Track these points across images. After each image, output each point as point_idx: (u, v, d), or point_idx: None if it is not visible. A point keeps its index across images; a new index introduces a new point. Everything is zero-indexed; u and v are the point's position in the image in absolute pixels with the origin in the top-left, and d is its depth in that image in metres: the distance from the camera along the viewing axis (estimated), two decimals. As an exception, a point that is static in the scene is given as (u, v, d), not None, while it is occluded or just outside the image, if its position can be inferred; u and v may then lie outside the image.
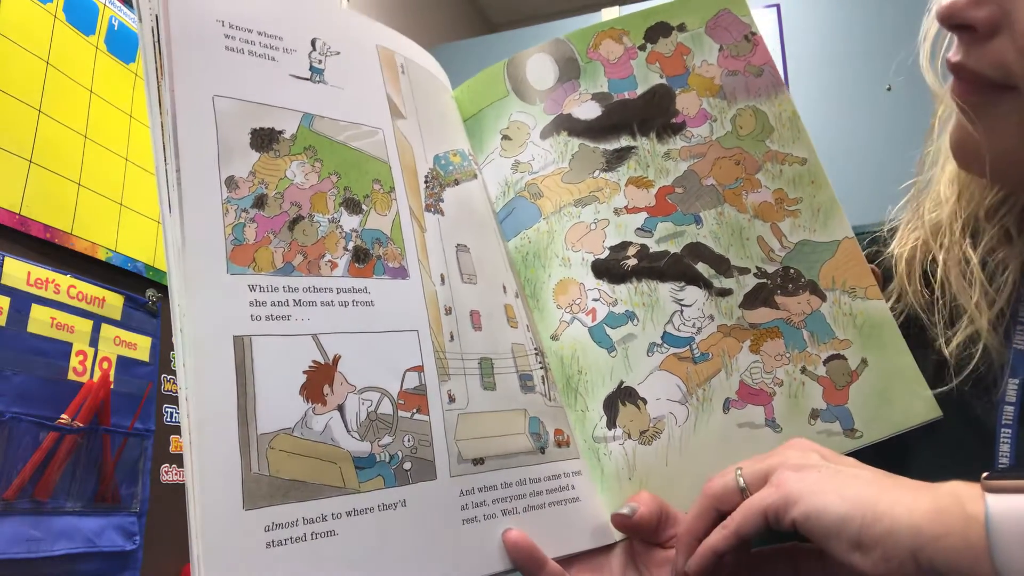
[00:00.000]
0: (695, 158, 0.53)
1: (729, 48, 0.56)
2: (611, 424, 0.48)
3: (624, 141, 0.53)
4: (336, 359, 0.39)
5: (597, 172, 0.53)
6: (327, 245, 0.42)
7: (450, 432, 0.42)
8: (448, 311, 0.45)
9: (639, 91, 0.55)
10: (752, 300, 0.50)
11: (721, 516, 0.41)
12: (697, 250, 0.51)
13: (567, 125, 0.54)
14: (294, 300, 0.39)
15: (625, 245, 0.51)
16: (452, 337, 0.45)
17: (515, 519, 0.42)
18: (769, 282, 0.50)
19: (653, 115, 0.54)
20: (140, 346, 1.21)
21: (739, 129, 0.53)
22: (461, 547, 0.40)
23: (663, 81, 0.54)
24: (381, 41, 0.50)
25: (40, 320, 1.04)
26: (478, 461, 0.42)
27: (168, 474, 1.28)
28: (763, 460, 0.41)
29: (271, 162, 0.42)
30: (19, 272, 1.03)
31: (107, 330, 1.15)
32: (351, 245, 0.43)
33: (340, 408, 0.39)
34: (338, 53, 0.48)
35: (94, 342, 1.12)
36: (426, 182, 0.49)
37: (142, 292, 1.23)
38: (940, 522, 0.32)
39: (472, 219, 0.50)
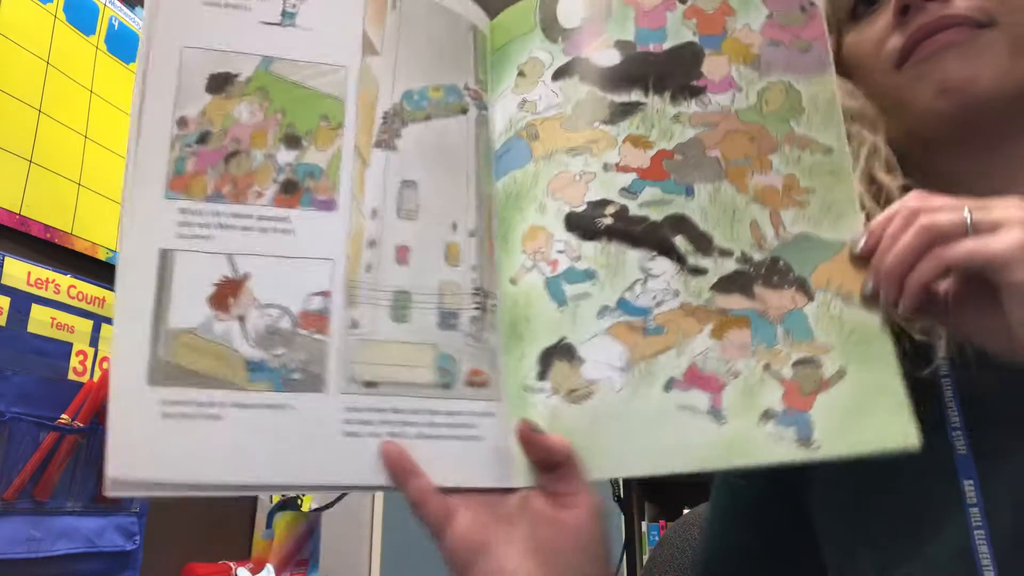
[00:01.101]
0: (706, 127, 0.50)
1: (779, 16, 0.51)
2: (542, 376, 0.47)
3: (635, 96, 0.51)
4: (245, 276, 0.45)
5: (597, 123, 0.51)
6: (257, 177, 0.47)
7: (346, 354, 0.46)
8: (372, 244, 0.48)
9: (666, 45, 0.51)
10: (727, 284, 0.47)
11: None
12: (679, 223, 0.48)
13: (582, 69, 0.52)
14: (217, 223, 0.46)
15: (605, 203, 0.49)
16: (369, 268, 0.48)
17: (403, 443, 0.45)
18: (752, 270, 0.47)
19: (673, 73, 0.51)
20: (140, 346, 1.21)
21: (765, 104, 0.50)
22: (339, 456, 0.44)
23: (695, 39, 0.51)
24: None
25: (40, 320, 1.04)
26: (371, 384, 0.46)
27: (168, 474, 1.28)
28: (992, 208, 0.40)
29: (221, 103, 0.47)
30: (19, 272, 1.03)
31: (107, 330, 1.15)
32: (281, 177, 0.47)
33: (241, 319, 0.45)
34: None
35: (94, 342, 1.12)
36: (384, 118, 0.51)
37: (142, 292, 1.23)
38: None
39: (435, 155, 0.51)
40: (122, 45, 1.25)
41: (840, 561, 0.53)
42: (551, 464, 0.45)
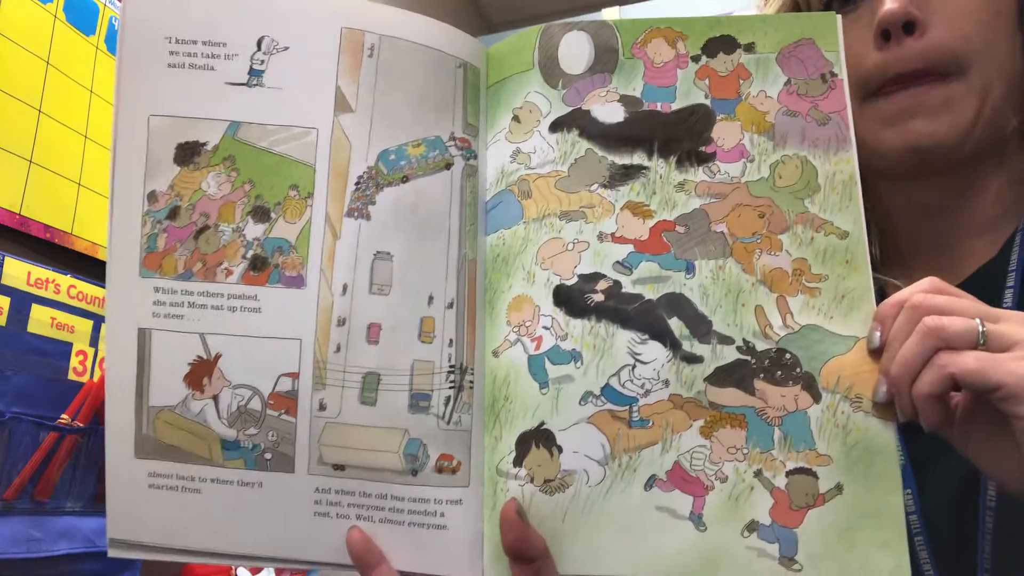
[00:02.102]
0: (713, 198, 0.46)
1: (798, 84, 0.48)
2: (518, 462, 0.45)
3: (637, 158, 0.47)
4: (217, 357, 0.46)
5: (595, 186, 0.47)
6: (226, 253, 0.47)
7: (315, 436, 0.46)
8: (341, 322, 0.46)
9: (675, 106, 0.48)
10: (723, 377, 0.44)
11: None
12: (676, 302, 0.45)
13: (582, 123, 0.48)
14: (188, 302, 0.46)
15: (597, 277, 0.46)
16: (339, 348, 0.46)
17: (368, 526, 0.46)
18: (754, 361, 0.43)
19: (681, 137, 0.47)
20: (140, 346, 1.21)
21: (777, 178, 0.46)
22: (308, 535, 0.46)
23: (707, 102, 0.47)
24: (350, 22, 0.48)
25: (40, 320, 1.04)
26: (339, 467, 0.46)
27: (168, 474, 1.28)
28: (1007, 321, 0.37)
29: (189, 175, 0.47)
30: (19, 272, 1.03)
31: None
32: (250, 254, 0.47)
33: (215, 398, 0.46)
34: (287, 48, 0.48)
35: (94, 342, 1.12)
36: (357, 184, 0.48)
37: (142, 292, 1.23)
38: None
39: (413, 221, 0.48)
40: (122, 45, 1.25)
41: None
42: (525, 557, 0.43)
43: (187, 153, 0.47)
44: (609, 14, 2.15)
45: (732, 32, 0.48)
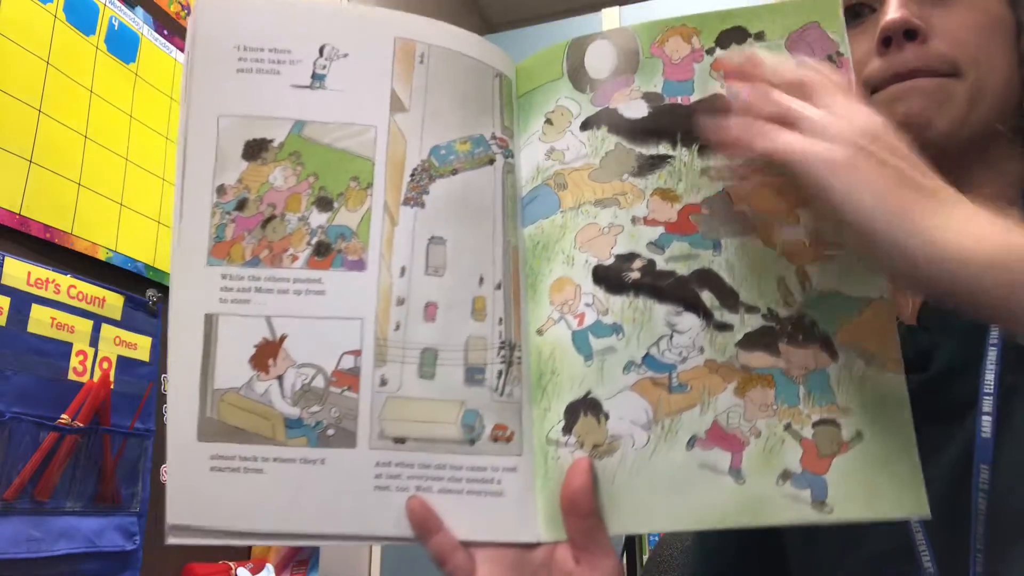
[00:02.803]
0: (733, 179, 0.50)
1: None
2: (567, 430, 0.48)
3: (663, 149, 0.51)
4: (282, 338, 0.48)
5: (626, 175, 0.51)
6: (292, 240, 0.49)
7: (376, 411, 0.48)
8: (400, 302, 0.50)
9: (694, 97, 0.50)
10: (752, 342, 0.47)
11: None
12: (706, 277, 0.48)
13: (610, 120, 0.52)
14: (255, 287, 0.48)
15: (633, 256, 0.49)
16: (398, 327, 0.49)
17: (427, 497, 0.47)
18: (777, 327, 0.47)
19: (687, 136, 0.51)
20: (140, 346, 1.21)
21: None
22: (369, 508, 0.47)
23: (723, 91, 0.50)
24: (403, 32, 0.53)
25: (40, 320, 1.04)
26: (399, 440, 0.48)
27: (168, 474, 1.28)
28: (832, 121, 0.41)
29: (257, 169, 0.49)
30: (19, 272, 1.03)
31: (107, 330, 1.15)
32: (314, 240, 0.50)
33: (280, 378, 0.47)
34: (346, 55, 0.52)
35: (94, 342, 1.12)
36: (412, 175, 0.52)
37: (142, 292, 1.23)
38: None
39: (463, 209, 0.52)
40: (122, 45, 1.25)
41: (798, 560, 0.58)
42: (584, 510, 0.45)
43: (255, 149, 0.50)
44: (609, 14, 2.15)
45: (742, 23, 0.51)
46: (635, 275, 0.49)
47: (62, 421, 1.04)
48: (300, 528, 0.47)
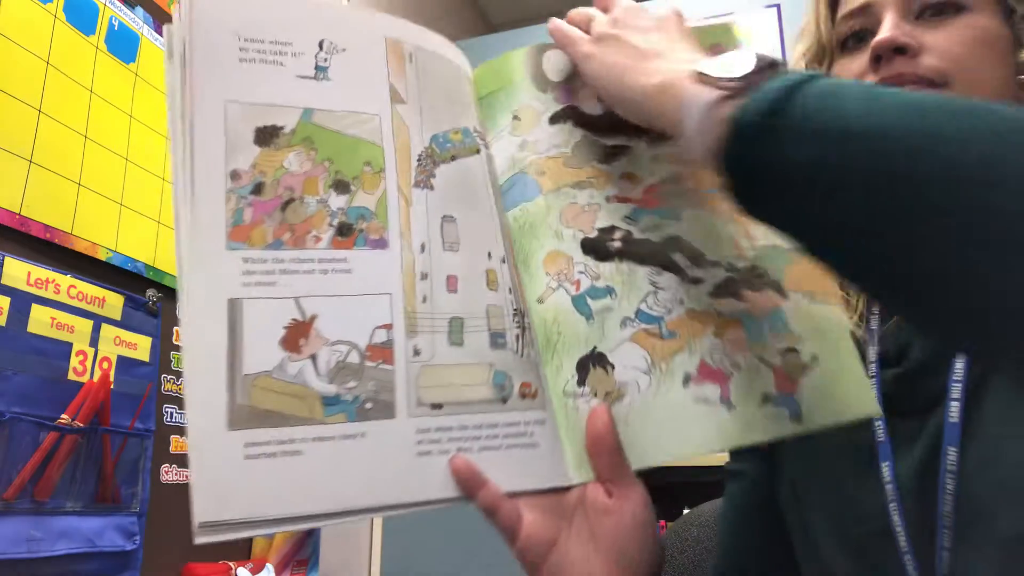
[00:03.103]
0: (680, 164, 0.57)
1: None
2: (581, 383, 0.53)
3: (621, 140, 0.58)
4: (312, 318, 0.47)
5: (595, 162, 0.58)
6: (313, 223, 0.50)
7: (412, 380, 0.49)
8: (424, 276, 0.52)
9: None
10: (721, 291, 0.54)
11: None
12: (675, 242, 0.56)
13: (574, 116, 0.59)
14: (280, 269, 0.48)
15: (613, 229, 0.56)
16: (424, 299, 0.52)
17: (469, 456, 0.49)
18: (738, 277, 0.55)
19: (638, 130, 0.57)
20: (140, 346, 1.21)
21: None
22: (413, 475, 0.47)
23: None
24: (391, 33, 0.57)
25: (40, 320, 1.04)
26: (437, 406, 0.50)
27: (168, 474, 1.28)
28: (626, 38, 0.52)
29: (271, 154, 0.49)
30: (19, 272, 1.03)
31: (107, 330, 1.15)
32: (336, 221, 0.50)
33: (313, 357, 0.47)
34: (344, 50, 0.54)
35: (94, 342, 1.12)
36: (419, 160, 0.55)
37: (142, 292, 1.23)
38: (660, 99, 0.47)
39: (464, 192, 0.56)
40: (122, 45, 1.25)
41: (802, 551, 0.63)
42: (609, 452, 0.51)
43: (266, 135, 0.49)
44: (609, 14, 2.15)
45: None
46: (617, 244, 0.56)
47: (62, 421, 1.04)
48: (345, 505, 0.46)
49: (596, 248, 0.56)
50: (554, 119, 0.59)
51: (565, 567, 0.49)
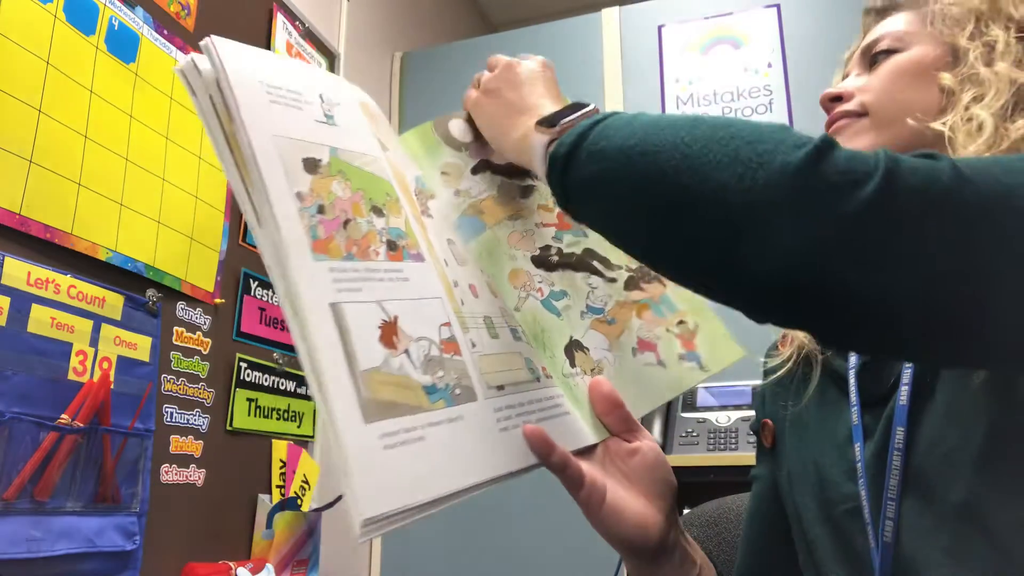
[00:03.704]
0: None
1: None
2: (572, 365, 0.66)
3: (528, 181, 0.72)
4: (395, 318, 0.52)
5: (517, 198, 0.72)
6: (370, 239, 0.55)
7: (476, 368, 0.56)
8: (455, 284, 0.60)
9: None
10: (629, 285, 0.71)
11: None
12: (591, 253, 0.71)
13: (489, 167, 0.72)
14: (359, 277, 0.52)
15: (548, 247, 0.71)
16: (462, 302, 0.60)
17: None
18: (636, 274, 0.71)
19: (535, 174, 0.71)
20: (140, 346, 1.21)
21: None
22: (501, 449, 0.54)
23: None
24: (360, 97, 0.65)
25: (40, 320, 1.04)
26: (500, 387, 0.57)
27: (168, 474, 1.28)
28: (505, 87, 0.66)
29: (320, 181, 0.54)
30: (19, 272, 1.03)
31: (107, 330, 1.15)
32: (384, 239, 0.56)
33: (407, 352, 0.52)
34: (338, 104, 0.61)
35: (94, 342, 1.12)
36: (416, 195, 0.65)
37: (142, 292, 1.23)
38: (522, 148, 0.61)
39: (447, 223, 0.67)
40: (122, 45, 1.25)
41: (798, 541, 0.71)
42: (618, 407, 0.63)
43: (312, 165, 0.54)
44: (609, 14, 2.15)
45: None
46: (555, 258, 0.70)
47: (62, 421, 1.04)
48: (462, 484, 0.49)
49: (542, 262, 0.70)
50: (475, 170, 0.71)
51: (620, 504, 0.59)
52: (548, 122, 0.58)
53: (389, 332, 0.51)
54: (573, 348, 0.67)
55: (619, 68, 2.08)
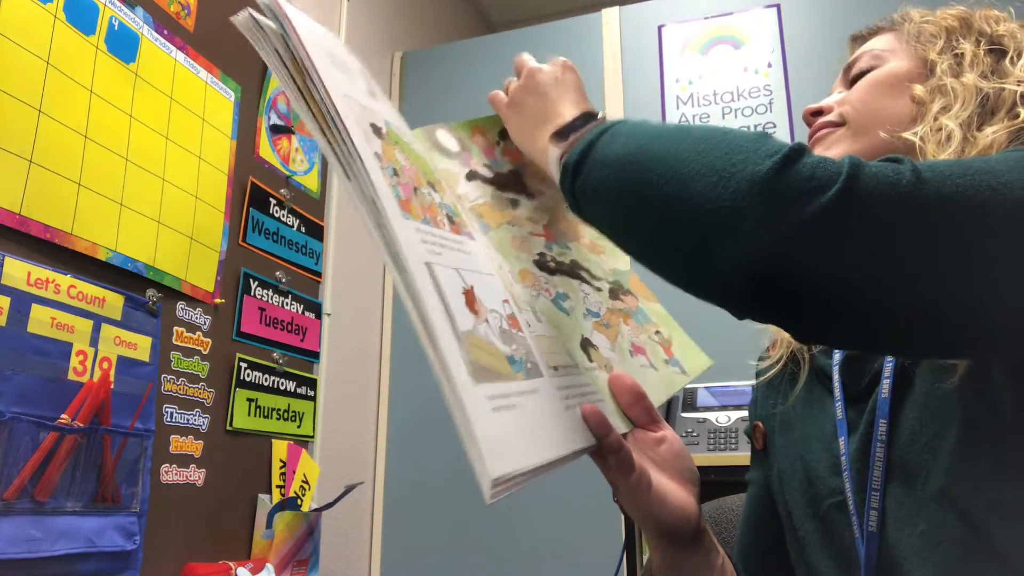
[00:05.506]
0: (549, 212, 0.75)
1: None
2: (590, 360, 0.67)
3: (513, 195, 0.74)
4: (472, 287, 0.52)
5: (508, 208, 0.73)
6: (434, 209, 0.55)
7: (536, 347, 0.56)
8: (500, 267, 0.61)
9: (504, 171, 0.75)
10: (613, 295, 0.74)
11: None
12: (577, 263, 0.74)
13: (479, 176, 0.73)
14: (438, 243, 0.51)
15: (544, 254, 0.72)
16: (509, 285, 0.60)
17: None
18: (614, 287, 0.74)
19: (518, 190, 0.74)
20: (140, 346, 1.21)
21: (560, 203, 0.74)
22: (568, 425, 0.53)
23: (513, 168, 0.75)
24: (382, 104, 0.65)
25: (40, 320, 1.04)
26: (555, 368, 0.57)
27: (168, 474, 1.28)
28: (529, 96, 0.68)
29: (388, 147, 0.53)
30: (19, 272, 1.03)
31: (107, 330, 1.15)
32: (444, 212, 0.56)
33: (487, 321, 0.51)
34: (376, 86, 0.60)
35: (94, 342, 1.12)
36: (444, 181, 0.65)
37: (142, 292, 1.23)
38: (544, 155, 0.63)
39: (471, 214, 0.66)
40: (122, 45, 1.25)
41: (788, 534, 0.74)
42: (642, 398, 0.64)
43: (376, 131, 0.53)
44: (609, 14, 2.15)
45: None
46: (552, 264, 0.71)
47: (62, 421, 1.04)
48: (553, 453, 0.48)
49: (543, 266, 0.71)
50: (469, 177, 0.73)
51: (663, 488, 0.61)
52: (561, 134, 0.61)
53: (471, 299, 0.51)
54: (587, 345, 0.68)
55: (619, 68, 2.08)
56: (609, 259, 0.75)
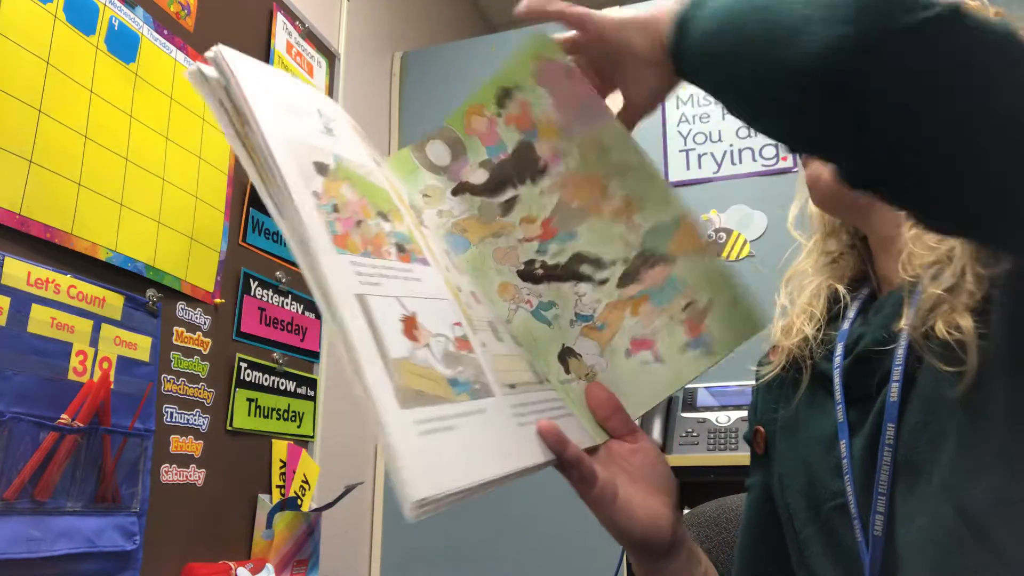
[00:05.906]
0: (562, 188, 0.70)
1: (555, 90, 0.68)
2: (567, 371, 0.68)
3: (509, 193, 0.71)
4: (414, 313, 0.53)
5: (498, 217, 0.71)
6: (381, 240, 0.56)
7: (489, 367, 0.57)
8: (460, 289, 0.61)
9: (510, 150, 0.70)
10: (624, 281, 0.68)
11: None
12: (579, 257, 0.70)
13: (468, 188, 0.72)
14: (377, 273, 0.53)
15: (532, 261, 0.70)
16: (468, 306, 0.60)
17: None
18: (632, 267, 0.68)
19: (524, 167, 0.70)
20: (140, 346, 1.21)
21: (584, 156, 0.69)
22: (521, 443, 0.55)
23: (522, 137, 0.70)
24: (346, 118, 0.66)
25: (40, 320, 1.04)
26: (511, 386, 0.58)
27: (168, 474, 1.28)
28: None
29: (331, 184, 0.55)
30: (19, 272, 1.03)
31: (107, 330, 1.15)
32: (393, 241, 0.57)
33: (428, 346, 0.52)
34: (334, 120, 0.62)
35: (94, 342, 1.12)
36: (412, 207, 0.66)
37: (142, 292, 1.23)
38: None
39: (437, 237, 0.68)
40: (122, 45, 1.25)
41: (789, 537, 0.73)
42: (617, 411, 0.64)
43: (321, 168, 0.55)
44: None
45: (502, 84, 0.69)
46: (540, 271, 0.70)
47: (62, 421, 1.04)
48: (495, 473, 0.50)
49: (528, 276, 0.70)
50: (455, 191, 0.71)
51: (631, 500, 0.61)
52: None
53: (411, 326, 0.52)
54: (566, 356, 0.68)
55: (619, 68, 2.08)
56: (649, 215, 0.69)
